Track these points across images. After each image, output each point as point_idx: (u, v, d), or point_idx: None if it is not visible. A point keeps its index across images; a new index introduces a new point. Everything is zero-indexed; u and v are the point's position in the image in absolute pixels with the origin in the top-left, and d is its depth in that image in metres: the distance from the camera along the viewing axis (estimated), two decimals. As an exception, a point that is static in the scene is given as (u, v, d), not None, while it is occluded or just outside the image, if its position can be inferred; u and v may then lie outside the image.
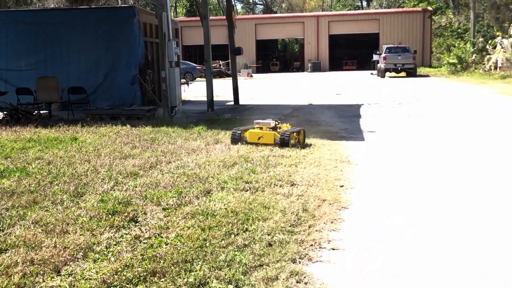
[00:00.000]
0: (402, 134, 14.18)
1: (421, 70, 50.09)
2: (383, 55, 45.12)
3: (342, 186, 8.34)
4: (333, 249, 5.84)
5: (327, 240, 6.06)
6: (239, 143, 11.88)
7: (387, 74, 44.69)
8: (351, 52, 64.94)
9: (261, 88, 35.28)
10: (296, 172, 9.10)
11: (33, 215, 6.88)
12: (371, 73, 49.95)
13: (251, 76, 51.99)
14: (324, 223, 6.59)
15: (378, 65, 46.31)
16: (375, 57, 49.78)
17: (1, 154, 10.61)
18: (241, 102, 23.23)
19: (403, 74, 45.09)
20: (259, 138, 11.75)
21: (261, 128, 12.12)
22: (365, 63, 59.55)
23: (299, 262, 5.42)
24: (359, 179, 8.94)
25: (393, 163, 10.42)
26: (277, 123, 12.49)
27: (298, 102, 23.68)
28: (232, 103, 23.13)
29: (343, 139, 13.01)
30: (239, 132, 12.09)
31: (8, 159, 10.16)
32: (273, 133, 11.76)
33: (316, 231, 6.31)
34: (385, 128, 15.17)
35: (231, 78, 25.08)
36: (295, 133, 11.95)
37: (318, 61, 61.27)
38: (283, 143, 11.43)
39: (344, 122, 16.35)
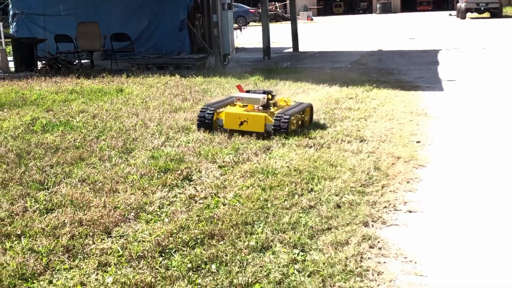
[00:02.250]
0: (487, 83, 13.84)
1: (507, 10, 48.69)
2: (464, -7, 43.99)
3: (418, 142, 8.26)
4: (410, 212, 5.82)
5: (403, 202, 6.04)
6: (210, 129, 8.91)
7: (468, 14, 43.60)
8: (427, -10, 63.48)
9: (323, 33, 34.92)
10: (366, 127, 9.05)
11: (80, 173, 7.06)
12: (450, 14, 48.85)
13: (312, 19, 51.49)
14: (399, 183, 6.56)
15: (458, 4, 45.15)
16: (454, -5, 48.64)
17: (43, 107, 10.83)
18: (301, 49, 23.07)
19: (486, 14, 43.93)
20: (241, 123, 8.65)
21: (245, 106, 9.01)
22: (442, 3, 58.18)
23: (372, 226, 5.43)
24: (438, 134, 8.82)
25: (477, 116, 10.18)
26: (270, 97, 9.25)
27: (365, 48, 23.38)
28: (291, 50, 22.98)
29: (419, 89, 12.80)
30: (211, 111, 8.95)
31: (50, 112, 10.37)
32: (263, 116, 8.61)
33: (390, 191, 6.29)
34: (467, 77, 14.82)
35: (289, 22, 24.95)
36: (298, 114, 9.13)
37: (388, 1, 60.22)
38: (280, 131, 8.46)
39: (419, 70, 16.06)
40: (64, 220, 5.64)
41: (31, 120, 9.68)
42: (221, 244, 5.07)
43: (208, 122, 8.85)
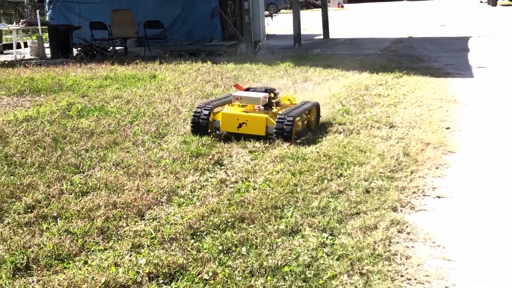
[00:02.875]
0: (517, 70, 13.63)
1: (539, -3, 47.95)
2: (496, -22, 43.36)
3: (448, 128, 8.20)
4: (439, 197, 5.80)
5: (432, 187, 6.02)
6: (205, 133, 7.92)
7: (499, 1, 42.95)
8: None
9: (353, 20, 34.71)
10: (396, 113, 9.01)
11: (114, 157, 7.13)
12: (481, 1, 48.10)
13: (342, 6, 51.14)
14: (428, 168, 6.54)
15: (490, -10, 44.58)
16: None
17: (78, 93, 10.94)
18: (331, 35, 22.97)
19: (518, 1, 43.32)
20: (240, 126, 7.66)
21: (244, 106, 7.99)
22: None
23: (400, 211, 5.42)
24: (468, 120, 8.74)
25: (507, 103, 10.07)
26: (273, 95, 8.14)
27: (396, 35, 23.19)
28: (322, 37, 22.91)
29: (449, 76, 12.67)
30: (207, 112, 7.86)
31: (85, 97, 10.46)
32: (264, 117, 7.60)
33: (419, 177, 6.27)
34: (498, 64, 14.60)
35: (319, 9, 24.81)
36: (303, 114, 8.14)
37: (419, -13, 59.61)
38: (282, 135, 7.43)
39: (450, 57, 15.90)
40: (98, 203, 5.71)
41: (67, 105, 9.78)
42: (251, 228, 5.10)
43: (203, 124, 7.77)
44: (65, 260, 4.64)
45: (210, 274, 4.35)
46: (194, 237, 5.00)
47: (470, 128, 8.30)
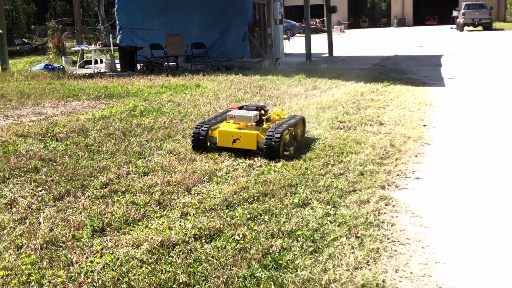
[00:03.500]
0: (479, 80, 13.43)
1: (496, 25, 47.11)
2: (462, 11, 42.82)
3: (425, 125, 8.14)
4: (417, 179, 5.76)
5: (412, 171, 5.99)
6: (204, 148, 6.94)
7: (466, 28, 42.52)
8: (433, 9, 61.94)
9: (352, 42, 34.47)
10: (384, 113, 8.96)
11: (168, 146, 7.16)
12: (451, 27, 47.59)
13: (343, 31, 50.79)
14: (409, 156, 6.50)
15: (457, 20, 43.94)
16: (454, 13, 47.10)
17: (141, 97, 11.01)
18: (335, 54, 22.85)
19: (480, 28, 42.77)
20: (234, 141, 6.79)
21: (238, 123, 7.18)
22: (445, 19, 56.66)
23: (387, 189, 5.40)
24: (440, 120, 8.66)
25: (471, 106, 9.97)
26: (263, 112, 7.38)
27: (385, 53, 23.02)
28: (327, 55, 22.79)
29: (426, 85, 12.54)
30: (205, 129, 6.96)
31: (147, 101, 10.53)
32: (255, 133, 6.73)
33: (402, 163, 6.24)
34: (464, 76, 14.47)
35: (326, 33, 24.70)
36: (291, 128, 7.09)
37: (403, 17, 59.13)
38: (271, 150, 6.50)
39: (427, 70, 15.74)
40: (156, 181, 5.74)
41: (132, 107, 9.85)
42: (272, 201, 5.11)
43: (202, 140, 6.89)
44: (131, 224, 4.68)
45: (241, 235, 4.36)
46: (229, 207, 5.01)
47: (442, 126, 8.23)
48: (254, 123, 7.01)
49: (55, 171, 6.11)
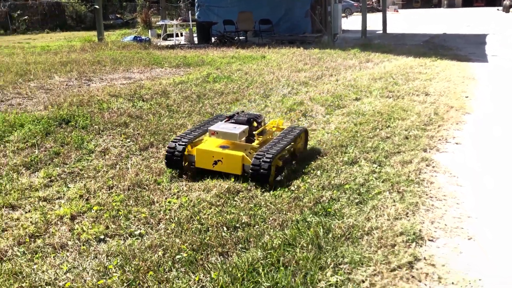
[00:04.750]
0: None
1: (542, 6, 44.48)
2: (509, -8, 40.59)
3: (467, 97, 7.87)
4: (456, 144, 5.63)
5: (452, 137, 5.84)
6: (180, 169, 4.84)
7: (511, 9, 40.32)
8: (482, -10, 58.91)
9: (404, 21, 33.26)
10: (430, 85, 8.70)
11: (235, 108, 7.23)
12: (497, 9, 45.19)
13: (397, 11, 49.07)
14: (450, 124, 6.34)
15: (504, 1, 41.70)
16: (502, -6, 44.86)
17: (214, 66, 11.12)
18: (388, 31, 22.16)
19: (526, 9, 40.46)
20: (215, 163, 4.71)
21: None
22: (492, 1, 53.84)
23: (429, 152, 5.31)
24: (481, 92, 8.35)
25: (511, 81, 9.56)
26: (255, 124, 5.21)
27: (434, 32, 22.15)
28: (381, 32, 22.15)
29: (470, 61, 12.03)
30: (182, 147, 4.82)
31: (219, 70, 10.62)
32: (239, 156, 4.66)
33: (444, 129, 6.09)
34: (506, 53, 13.77)
35: (381, 12, 23.99)
36: (288, 147, 4.99)
37: (453, -1, 56.66)
38: (258, 178, 4.45)
39: (472, 48, 15.08)
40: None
41: (206, 74, 9.97)
42: (324, 158, 5.12)
43: (176, 158, 4.75)
44: (203, 173, 4.80)
45: (296, 186, 4.41)
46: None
47: (483, 97, 7.93)
48: (243, 140, 4.97)
49: (141, 126, 6.31)
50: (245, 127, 4.97)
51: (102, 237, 3.66)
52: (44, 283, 3.09)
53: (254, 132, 5.08)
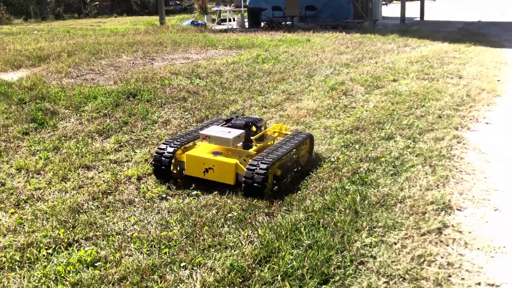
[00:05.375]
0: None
1: None
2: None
3: (499, 80, 7.58)
4: (487, 123, 5.47)
5: (483, 117, 5.68)
6: (167, 177, 4.00)
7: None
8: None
9: (441, 9, 32.00)
10: (464, 69, 8.42)
11: (282, 87, 7.23)
12: (533, -2, 42.83)
13: (435, 0, 47.28)
14: (481, 105, 6.15)
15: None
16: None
17: (263, 48, 11.09)
18: (426, 18, 21.42)
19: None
20: (206, 171, 3.87)
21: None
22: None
23: (460, 130, 5.19)
24: (513, 76, 8.05)
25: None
26: (254, 129, 4.34)
27: (469, 19, 21.28)
28: (419, 19, 21.43)
29: (504, 47, 11.51)
30: (170, 153, 3.98)
31: (267, 51, 10.59)
32: (232, 163, 3.82)
33: (475, 110, 5.92)
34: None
35: (419, 1, 23.11)
36: (289, 154, 4.08)
37: (489, -12, 53.95)
38: (250, 189, 3.62)
39: (505, 35, 14.38)
40: (272, 112, 5.89)
41: (256, 55, 9.96)
42: (362, 133, 5.09)
43: (164, 164, 3.95)
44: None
45: (335, 158, 4.42)
46: (328, 136, 5.06)
47: (515, 81, 7.65)
48: (239, 145, 4.22)
49: (198, 101, 6.42)
50: (241, 131, 4.09)
51: (164, 195, 3.79)
52: (115, 232, 3.25)
53: (251, 137, 4.19)
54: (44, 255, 3.00)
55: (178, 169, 4.09)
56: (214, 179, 3.86)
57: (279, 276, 2.59)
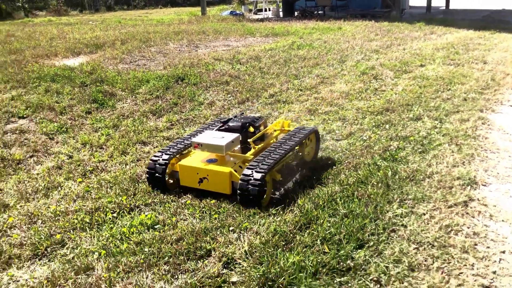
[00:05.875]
0: None
1: None
2: None
3: (523, 65, 7.34)
4: (511, 106, 5.32)
5: (507, 100, 5.52)
6: (163, 188, 3.46)
7: None
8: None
9: (466, -3, 30.89)
10: (488, 55, 8.15)
11: (316, 71, 7.20)
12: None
13: (460, -12, 45.41)
14: (506, 89, 5.96)
15: None
16: None
17: (297, 36, 11.00)
18: (451, 7, 20.69)
19: None
20: (201, 181, 3.35)
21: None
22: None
23: (485, 112, 5.07)
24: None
25: None
26: (252, 130, 3.73)
27: (494, 7, 20.41)
28: (444, 7, 20.73)
29: (528, 34, 11.09)
30: (164, 162, 3.44)
31: (301, 39, 10.51)
32: (226, 172, 3.27)
33: (500, 93, 5.75)
34: None
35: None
36: (290, 153, 3.64)
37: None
38: (246, 199, 3.10)
39: (530, 22, 13.87)
40: (308, 95, 5.88)
41: (291, 42, 9.89)
42: (392, 115, 5.05)
43: (158, 173, 3.44)
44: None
45: (367, 137, 4.42)
46: (360, 116, 5.04)
47: (539, 66, 7.36)
48: (237, 148, 3.68)
49: (239, 84, 6.47)
50: (235, 136, 3.51)
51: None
52: (170, 200, 3.37)
53: (249, 140, 3.64)
54: (110, 218, 3.15)
55: (174, 179, 3.58)
56: (209, 189, 3.36)
57: (318, 240, 2.66)
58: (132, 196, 3.45)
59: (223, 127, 3.77)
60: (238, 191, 3.14)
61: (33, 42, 10.33)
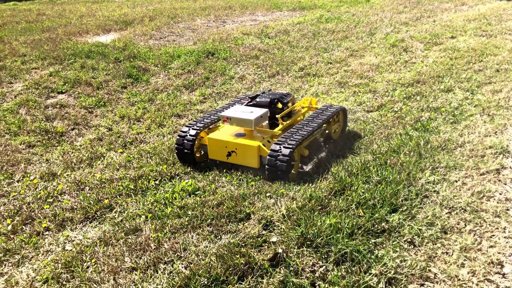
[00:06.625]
0: None
1: None
2: None
3: (559, 35, 7.15)
4: (545, 76, 5.26)
5: (542, 70, 5.45)
6: (191, 162, 3.55)
7: None
8: None
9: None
10: (523, 25, 7.97)
11: (345, 44, 7.19)
12: None
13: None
14: (540, 59, 5.88)
15: None
16: None
17: (325, 9, 10.89)
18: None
19: None
20: (229, 154, 3.41)
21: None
22: None
23: (518, 83, 5.04)
24: None
25: None
26: (281, 106, 3.78)
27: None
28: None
29: None
30: (194, 133, 3.52)
31: (329, 12, 10.41)
32: (255, 146, 3.30)
33: (534, 64, 5.68)
34: None
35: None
36: (317, 131, 3.62)
37: None
38: (274, 172, 3.14)
39: None
40: (337, 68, 5.91)
41: (319, 16, 9.84)
42: (423, 86, 5.05)
43: (187, 147, 3.49)
44: (319, 96, 4.96)
45: (398, 108, 4.46)
46: (390, 89, 5.07)
47: None
48: (265, 124, 3.62)
49: (268, 58, 6.53)
50: (264, 111, 3.53)
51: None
52: (208, 169, 3.52)
53: (277, 116, 3.65)
54: (153, 185, 3.34)
55: (202, 152, 3.66)
56: (237, 163, 3.41)
57: (353, 205, 2.77)
58: (172, 165, 3.62)
59: (251, 103, 3.77)
60: (266, 166, 3.15)
61: (64, 20, 10.57)
